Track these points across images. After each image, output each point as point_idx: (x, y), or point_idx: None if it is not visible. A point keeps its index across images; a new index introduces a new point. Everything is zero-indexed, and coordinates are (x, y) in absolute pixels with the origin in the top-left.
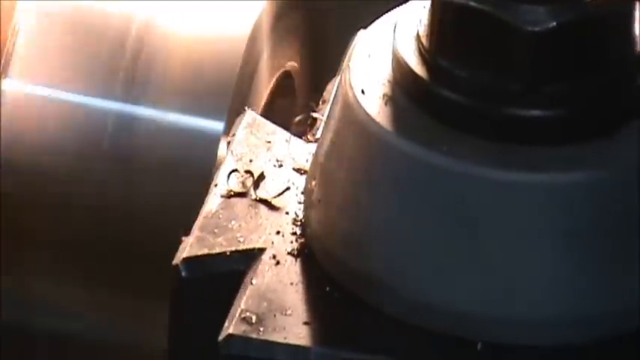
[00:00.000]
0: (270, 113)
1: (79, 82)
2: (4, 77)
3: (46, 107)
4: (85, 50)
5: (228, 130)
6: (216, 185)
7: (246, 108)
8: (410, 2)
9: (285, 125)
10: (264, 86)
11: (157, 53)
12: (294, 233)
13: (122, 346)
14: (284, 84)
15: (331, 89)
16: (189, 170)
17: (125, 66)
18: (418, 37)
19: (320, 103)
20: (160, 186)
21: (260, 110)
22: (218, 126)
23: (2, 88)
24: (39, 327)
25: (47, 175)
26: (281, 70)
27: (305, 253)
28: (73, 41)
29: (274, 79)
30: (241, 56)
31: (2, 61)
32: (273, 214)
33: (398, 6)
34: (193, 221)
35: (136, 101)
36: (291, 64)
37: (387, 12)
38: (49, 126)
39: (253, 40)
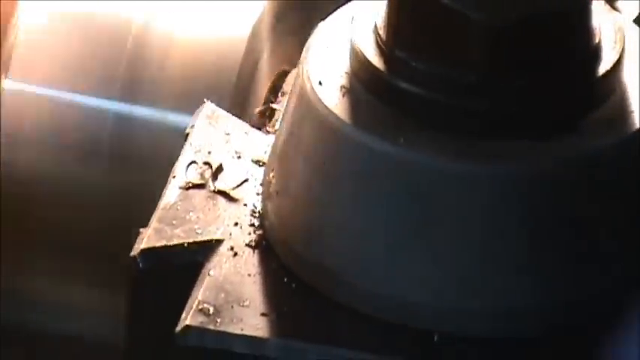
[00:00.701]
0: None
1: (79, 82)
2: (4, 77)
3: (46, 107)
4: (84, 50)
5: None
6: (174, 177)
7: (205, 100)
8: None
9: None
10: (264, 86)
11: (157, 53)
12: (252, 225)
13: (122, 347)
14: (284, 84)
15: (291, 81)
16: None
17: (125, 66)
18: (376, 29)
19: (279, 95)
20: (160, 186)
21: (259, 110)
22: None
23: (2, 88)
24: (39, 327)
25: (47, 175)
26: (281, 70)
27: (263, 245)
28: (72, 41)
29: (273, 79)
30: (241, 56)
31: (2, 61)
32: (232, 206)
33: None
34: None
35: (135, 101)
36: (291, 64)
37: None
38: (49, 126)
39: (253, 40)
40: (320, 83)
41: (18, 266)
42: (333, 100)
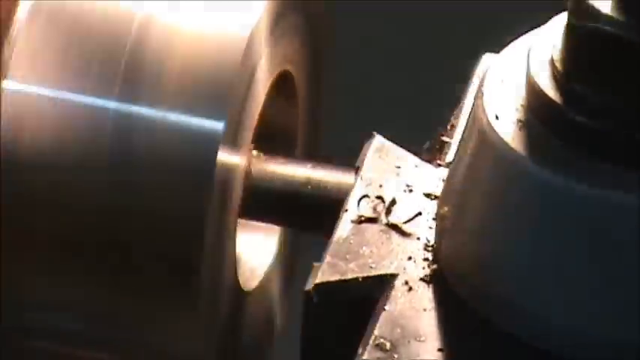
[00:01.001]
0: (268, 113)
1: (78, 82)
2: (4, 77)
3: (46, 107)
4: (84, 50)
5: (228, 130)
6: (346, 211)
7: (374, 133)
8: (543, 26)
9: (286, 125)
10: (263, 86)
11: (157, 53)
12: (426, 259)
13: (122, 346)
14: (283, 84)
15: (459, 115)
16: (189, 170)
17: (125, 66)
18: (552, 61)
19: (448, 128)
20: (160, 186)
21: (259, 110)
22: (217, 126)
23: (2, 88)
24: (39, 327)
25: (47, 175)
26: (280, 71)
27: (437, 279)
28: (72, 41)
29: (273, 79)
30: (240, 56)
31: (2, 61)
32: (405, 240)
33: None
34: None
35: (135, 101)
36: (290, 65)
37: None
38: (49, 126)
39: (253, 40)
40: (496, 117)
41: (18, 266)
42: (510, 133)
